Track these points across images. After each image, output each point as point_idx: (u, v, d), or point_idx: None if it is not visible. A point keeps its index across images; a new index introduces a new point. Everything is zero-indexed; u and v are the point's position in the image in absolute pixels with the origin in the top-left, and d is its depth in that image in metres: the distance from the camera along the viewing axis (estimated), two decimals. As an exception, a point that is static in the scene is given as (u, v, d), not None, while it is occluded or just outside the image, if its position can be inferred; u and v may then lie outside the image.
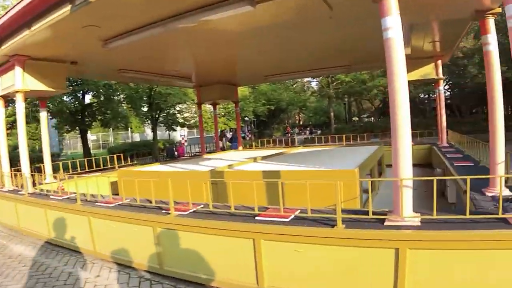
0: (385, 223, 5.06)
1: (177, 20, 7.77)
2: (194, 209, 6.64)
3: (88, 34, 8.52)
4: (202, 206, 6.79)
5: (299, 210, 5.92)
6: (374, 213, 5.21)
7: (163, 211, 6.79)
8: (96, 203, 8.01)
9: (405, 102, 5.08)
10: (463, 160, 10.82)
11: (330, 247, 5.07)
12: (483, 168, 9.37)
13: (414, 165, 5.30)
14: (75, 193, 8.54)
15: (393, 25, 5.08)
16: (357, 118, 61.66)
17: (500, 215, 4.73)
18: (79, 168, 14.32)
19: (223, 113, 43.90)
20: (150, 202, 7.21)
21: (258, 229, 5.49)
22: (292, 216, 5.68)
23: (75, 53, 10.55)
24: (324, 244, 5.10)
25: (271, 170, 9.02)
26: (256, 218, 5.82)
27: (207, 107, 37.22)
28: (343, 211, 5.40)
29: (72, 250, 8.44)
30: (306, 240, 5.19)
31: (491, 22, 6.95)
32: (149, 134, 45.74)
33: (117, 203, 7.76)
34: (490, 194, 6.50)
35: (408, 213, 5.07)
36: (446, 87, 43.47)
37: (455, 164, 10.03)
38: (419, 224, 4.92)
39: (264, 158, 12.49)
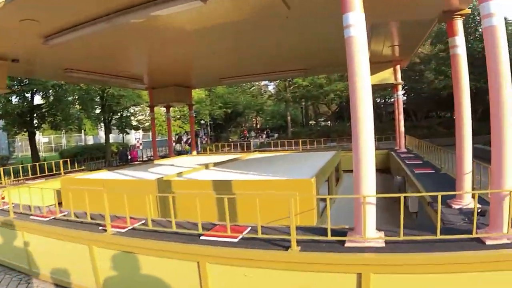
0: (346, 245, 4.51)
1: (123, 15, 7.04)
2: (133, 226, 5.90)
3: (27, 29, 7.72)
4: (142, 222, 6.02)
5: (249, 228, 5.28)
6: (333, 232, 4.63)
7: (100, 227, 6.04)
8: (31, 217, 7.18)
9: (369, 107, 4.58)
10: (423, 167, 10.50)
11: (284, 272, 4.47)
12: (445, 175, 9.09)
13: None
14: (14, 204, 7.72)
15: (355, 22, 4.57)
16: (314, 122, 61.84)
17: (474, 235, 4.27)
18: (21, 174, 13.25)
19: (178, 116, 43.19)
20: (91, 216, 6.44)
21: (202, 251, 4.84)
22: (241, 236, 5.03)
23: (15, 50, 9.67)
24: (277, 269, 4.50)
25: (221, 180, 8.30)
26: (201, 238, 5.15)
27: (162, 109, 36.35)
28: (299, 229, 4.85)
29: (8, 268, 7.63)
30: (256, 264, 4.57)
31: (459, 24, 6.54)
32: (103, 137, 44.48)
33: (51, 217, 6.95)
34: (457, 207, 6.05)
35: (371, 234, 4.53)
36: (403, 92, 44.11)
37: (415, 172, 9.68)
38: (384, 245, 4.40)
39: (216, 164, 11.83)
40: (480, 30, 39.27)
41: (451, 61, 6.50)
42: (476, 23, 38.54)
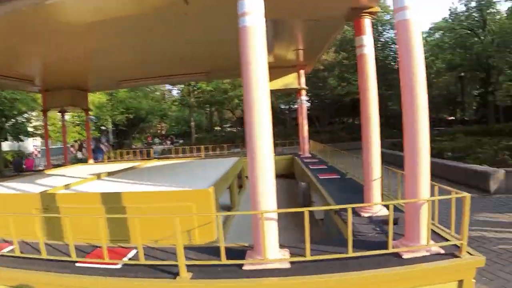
0: (245, 268, 3.87)
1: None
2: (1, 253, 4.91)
3: None
4: (11, 248, 5.00)
5: (134, 251, 4.48)
6: (231, 252, 4.01)
7: None
8: None
9: (266, 108, 3.99)
10: (328, 172, 10.22)
11: (173, 303, 3.76)
12: (351, 181, 8.84)
13: (277, 176, 4.20)
14: None
15: (252, 9, 3.96)
16: (219, 128, 61.56)
17: (391, 250, 3.83)
18: None
19: (77, 122, 41.10)
20: None
21: (74, 282, 3.97)
22: (124, 261, 4.22)
23: None
24: (164, 300, 3.79)
25: (108, 193, 7.23)
26: (77, 265, 4.26)
27: (59, 114, 34.41)
28: (193, 249, 4.17)
29: None
30: (141, 295, 3.82)
31: (367, 22, 6.17)
32: (-1, 144, 41.60)
33: None
34: (366, 215, 5.65)
35: (273, 254, 3.94)
36: (307, 98, 45.17)
37: (320, 177, 9.35)
38: (289, 266, 3.83)
39: (110, 174, 10.82)
40: (383, 40, 41.65)
41: (358, 61, 6.11)
42: (378, 34, 40.91)
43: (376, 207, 5.70)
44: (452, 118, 56.48)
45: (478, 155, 16.90)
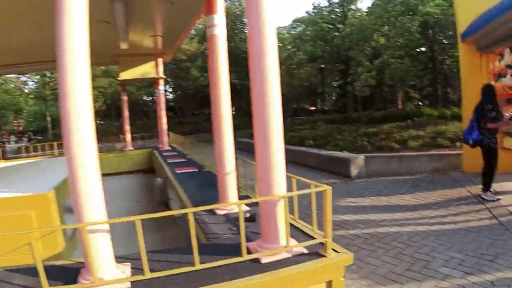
0: None
1: None
2: None
3: None
4: None
5: None
6: (63, 272, 3.27)
7: None
8: None
9: (87, 103, 3.14)
10: (186, 165, 9.87)
11: None
12: (209, 174, 8.50)
13: (136, 171, 3.54)
14: None
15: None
16: (78, 122, 59.00)
17: (245, 257, 3.27)
18: None
19: None
20: None
21: None
22: None
23: None
24: None
25: None
26: None
27: None
28: (21, 270, 3.30)
29: None
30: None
31: (219, 1, 5.48)
32: None
33: None
34: (221, 213, 5.15)
35: (108, 273, 3.15)
36: (170, 89, 45.44)
37: (176, 171, 8.97)
38: (129, 285, 3.08)
39: None
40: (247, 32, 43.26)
41: (208, 42, 5.48)
42: (243, 26, 42.26)
43: (231, 203, 5.22)
44: (313, 108, 59.10)
45: (339, 142, 17.66)
